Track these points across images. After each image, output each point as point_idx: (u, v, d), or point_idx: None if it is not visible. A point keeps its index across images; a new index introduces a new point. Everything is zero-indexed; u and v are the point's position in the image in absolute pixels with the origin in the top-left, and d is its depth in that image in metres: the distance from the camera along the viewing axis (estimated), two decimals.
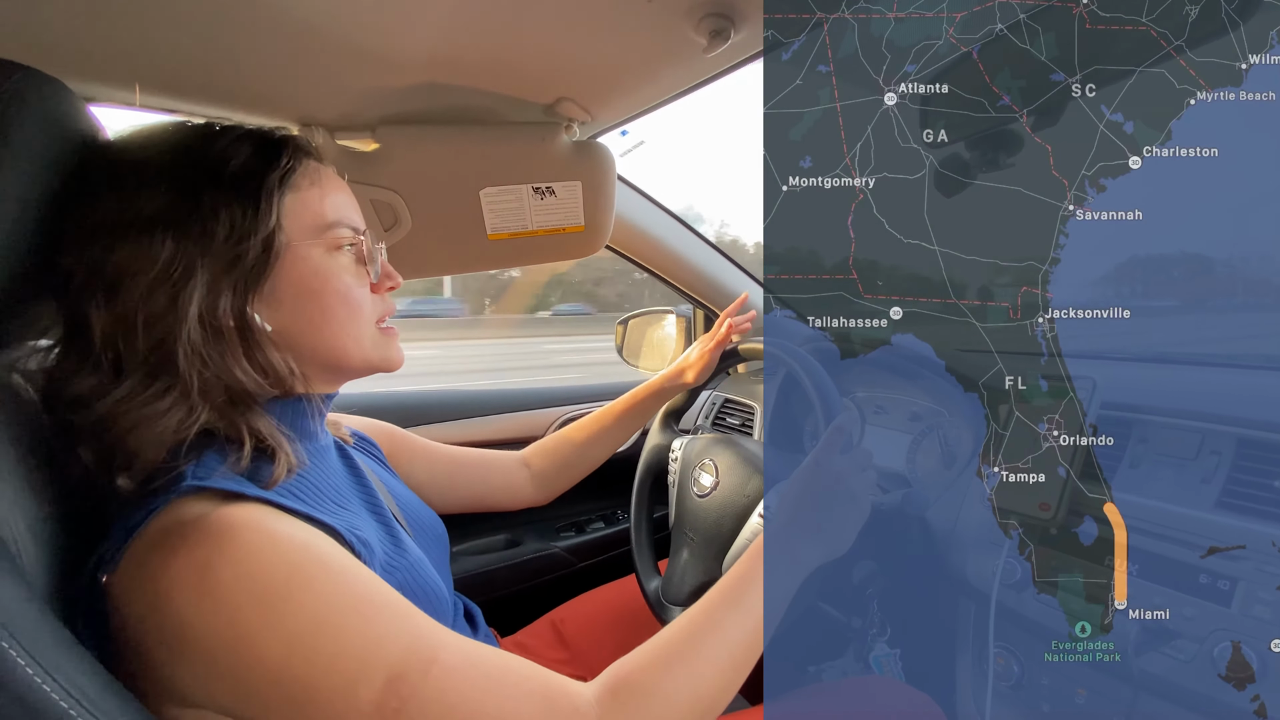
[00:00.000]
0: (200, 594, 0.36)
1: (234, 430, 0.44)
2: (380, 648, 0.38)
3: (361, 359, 0.51)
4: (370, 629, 0.38)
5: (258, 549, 0.37)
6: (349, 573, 0.40)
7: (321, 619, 0.37)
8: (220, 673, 0.36)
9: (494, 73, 0.74)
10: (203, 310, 0.42)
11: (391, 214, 0.87)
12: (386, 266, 0.54)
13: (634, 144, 0.97)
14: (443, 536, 0.65)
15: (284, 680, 0.36)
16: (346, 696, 0.36)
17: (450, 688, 0.38)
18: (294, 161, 0.48)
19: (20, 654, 0.31)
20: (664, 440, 0.97)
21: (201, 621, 0.36)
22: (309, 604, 0.37)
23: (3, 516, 0.36)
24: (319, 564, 0.39)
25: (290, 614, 0.37)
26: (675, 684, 0.44)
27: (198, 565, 0.36)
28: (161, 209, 0.42)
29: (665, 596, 0.83)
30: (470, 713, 0.38)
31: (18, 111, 0.39)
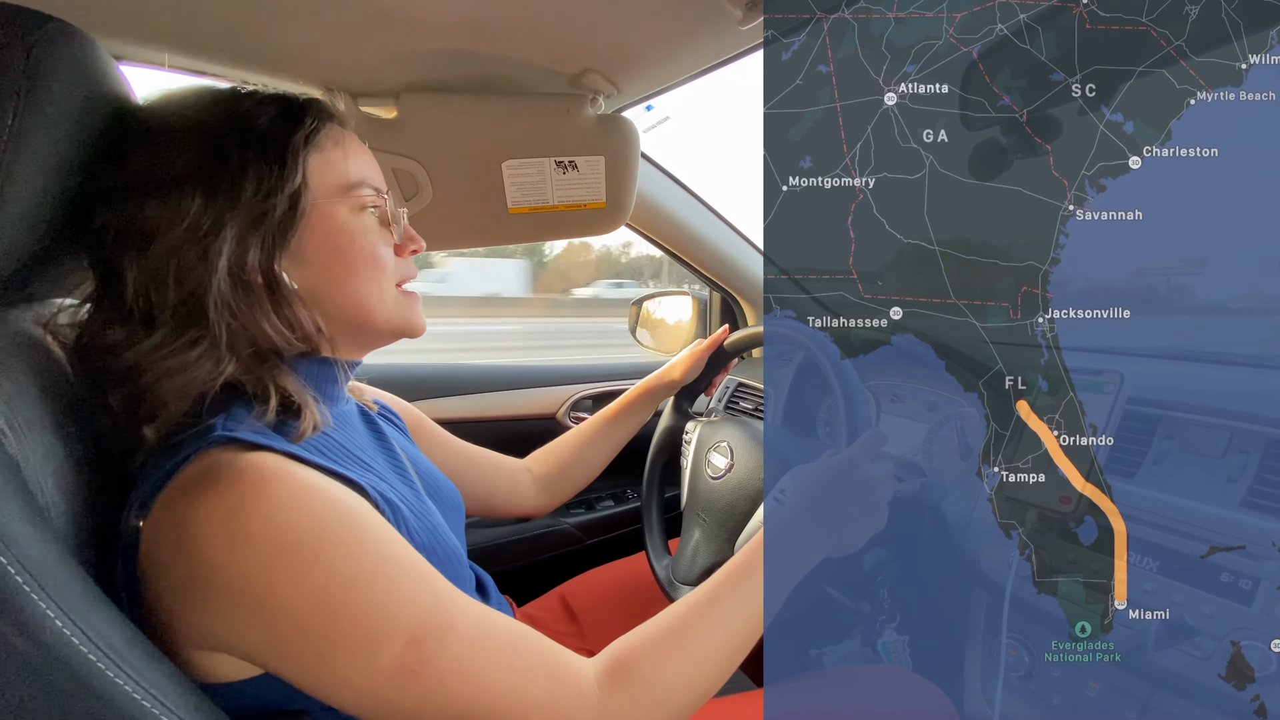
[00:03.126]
0: (230, 540, 0.36)
1: (260, 386, 0.44)
2: (403, 609, 0.38)
3: (385, 318, 0.51)
4: (394, 590, 0.39)
5: (288, 500, 0.38)
6: (376, 532, 0.41)
7: (349, 577, 0.38)
8: (245, 618, 0.37)
9: (519, 40, 0.72)
10: (231, 264, 0.43)
11: (413, 183, 0.87)
12: (409, 230, 0.55)
13: (659, 119, 0.95)
14: (460, 506, 0.66)
15: (309, 631, 0.37)
16: (368, 653, 0.37)
17: (466, 655, 0.39)
18: (318, 123, 0.48)
19: (50, 606, 0.31)
20: (677, 423, 0.97)
21: (232, 567, 0.36)
22: (337, 560, 0.38)
23: (33, 469, 0.36)
24: (348, 520, 0.40)
25: (319, 568, 0.37)
26: (673, 668, 0.45)
27: (229, 511, 0.37)
28: (191, 167, 0.43)
29: (675, 576, 0.83)
30: (483, 681, 0.39)
31: (49, 61, 0.38)
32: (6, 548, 0.30)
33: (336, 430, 0.50)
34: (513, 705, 0.39)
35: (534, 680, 0.40)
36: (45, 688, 0.31)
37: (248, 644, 0.38)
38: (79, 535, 0.40)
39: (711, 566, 0.80)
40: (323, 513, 0.39)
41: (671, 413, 0.99)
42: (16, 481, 0.34)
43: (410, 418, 0.75)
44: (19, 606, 0.30)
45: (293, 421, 0.45)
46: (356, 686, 0.37)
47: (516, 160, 0.87)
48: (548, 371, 1.37)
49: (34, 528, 0.33)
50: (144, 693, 0.33)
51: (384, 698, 0.38)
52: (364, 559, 0.39)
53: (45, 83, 0.38)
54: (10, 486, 0.33)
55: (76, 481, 0.41)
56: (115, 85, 0.45)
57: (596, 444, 0.90)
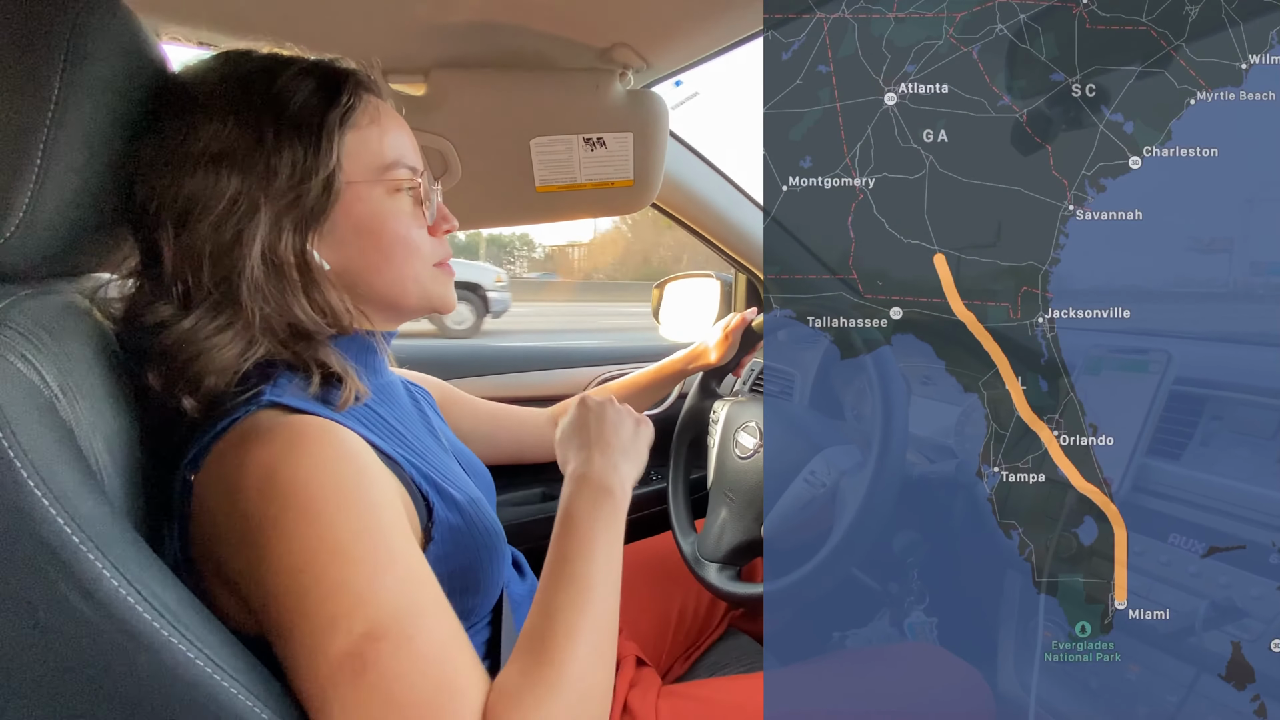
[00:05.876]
0: (260, 490, 0.37)
1: (300, 361, 0.45)
2: (375, 598, 0.37)
3: (419, 298, 0.52)
4: (376, 577, 0.37)
5: (323, 460, 0.39)
6: (389, 516, 0.40)
7: (343, 545, 0.37)
8: (252, 568, 0.37)
9: (550, 12, 0.72)
10: (265, 248, 0.43)
11: (442, 162, 0.87)
12: (443, 209, 0.55)
13: (688, 95, 0.94)
14: (491, 485, 0.66)
15: (287, 591, 0.36)
16: (325, 632, 0.36)
17: (407, 673, 0.36)
18: (354, 99, 0.47)
19: (106, 566, 0.32)
20: (704, 404, 0.97)
21: (255, 515, 0.37)
22: (338, 526, 0.37)
23: (84, 433, 0.37)
24: (368, 497, 0.40)
25: (319, 529, 0.37)
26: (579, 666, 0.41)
27: (267, 463, 0.38)
28: (227, 145, 0.43)
29: (702, 553, 0.83)
30: (405, 709, 0.35)
31: (93, 32, 0.38)
32: (64, 509, 0.31)
33: (380, 404, 0.50)
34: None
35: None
36: (101, 644, 0.32)
37: (249, 588, 0.39)
38: (129, 499, 0.41)
39: (738, 545, 0.79)
40: (346, 479, 0.39)
41: (698, 392, 0.98)
42: (70, 446, 0.34)
43: (438, 390, 0.76)
44: (78, 565, 0.31)
45: (336, 391, 0.45)
46: (301, 667, 0.36)
47: (545, 137, 0.87)
48: (573, 353, 1.37)
49: (88, 490, 0.33)
50: (197, 651, 0.34)
51: (318, 688, 0.36)
52: (363, 535, 0.38)
53: (89, 53, 0.38)
54: (65, 451, 0.34)
55: (126, 447, 0.42)
56: (155, 56, 0.45)
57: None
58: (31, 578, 0.30)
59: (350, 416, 0.45)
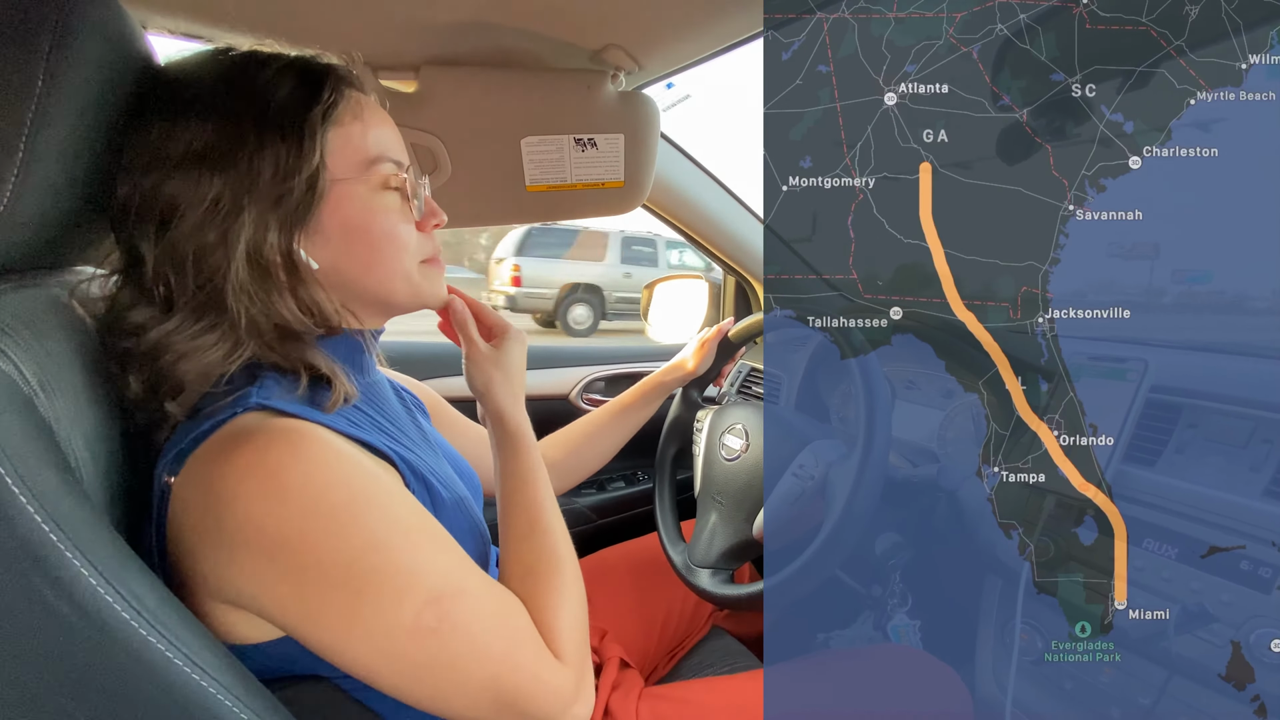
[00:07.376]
0: (268, 494, 0.37)
1: (287, 363, 0.44)
2: (424, 570, 0.41)
3: (407, 294, 0.51)
4: (418, 552, 0.41)
5: (323, 461, 0.39)
6: (401, 498, 0.43)
7: (380, 537, 0.39)
8: (277, 574, 0.38)
9: (542, 12, 0.71)
10: (250, 248, 0.43)
11: (431, 159, 0.86)
12: (431, 203, 0.53)
13: (679, 97, 0.94)
14: (479, 487, 0.66)
15: (337, 586, 0.38)
16: (393, 609, 0.39)
17: (473, 618, 0.42)
18: (336, 95, 0.46)
19: (84, 565, 0.32)
20: (687, 413, 0.97)
21: (269, 522, 0.37)
22: (370, 521, 0.39)
23: (63, 430, 0.36)
24: (377, 486, 0.41)
25: (354, 531, 0.39)
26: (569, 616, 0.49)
27: (267, 468, 0.38)
28: (209, 145, 0.42)
29: (693, 560, 0.83)
30: (485, 644, 0.42)
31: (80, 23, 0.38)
32: (41, 506, 0.31)
33: (368, 403, 0.50)
34: (506, 668, 0.42)
35: (525, 646, 0.44)
36: (78, 643, 0.32)
37: (274, 601, 0.38)
38: (109, 498, 0.41)
39: (729, 548, 0.80)
40: (353, 477, 0.40)
41: (680, 403, 0.99)
42: (49, 442, 0.34)
43: (429, 400, 0.75)
44: (55, 564, 0.31)
45: (324, 393, 0.45)
46: (376, 642, 0.39)
47: (535, 137, 0.87)
48: (560, 352, 1.37)
49: (67, 488, 0.33)
50: (175, 650, 0.34)
51: (399, 654, 0.39)
52: (392, 522, 0.41)
53: (75, 43, 0.38)
54: (44, 447, 0.33)
55: (106, 445, 0.41)
56: (142, 50, 0.45)
57: (607, 432, 0.90)
58: (8, 576, 0.30)
59: (338, 416, 0.44)
